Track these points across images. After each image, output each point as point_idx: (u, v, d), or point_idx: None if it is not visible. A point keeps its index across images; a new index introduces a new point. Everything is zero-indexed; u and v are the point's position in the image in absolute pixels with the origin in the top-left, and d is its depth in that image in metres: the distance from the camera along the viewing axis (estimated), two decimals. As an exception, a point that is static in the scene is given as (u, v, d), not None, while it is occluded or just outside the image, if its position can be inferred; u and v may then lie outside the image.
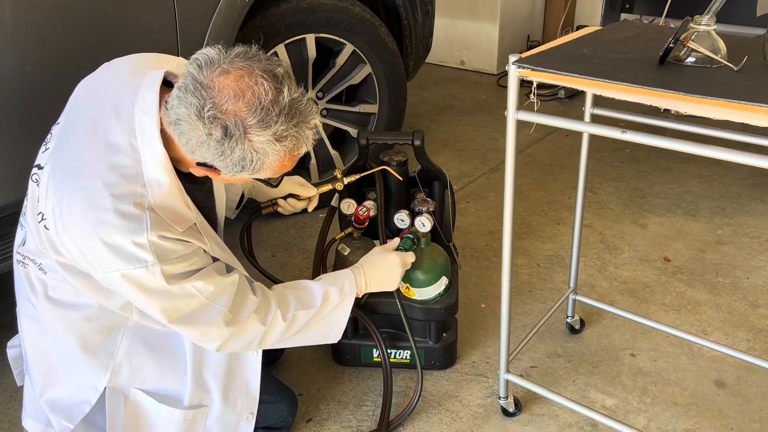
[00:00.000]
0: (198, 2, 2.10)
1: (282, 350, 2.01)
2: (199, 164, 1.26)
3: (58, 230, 1.25)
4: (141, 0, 1.96)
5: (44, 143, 1.38)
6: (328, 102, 2.73)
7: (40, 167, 1.34)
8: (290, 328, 1.48)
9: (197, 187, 1.43)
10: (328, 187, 1.79)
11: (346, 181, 1.74)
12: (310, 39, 2.53)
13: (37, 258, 1.39)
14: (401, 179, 1.85)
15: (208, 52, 1.21)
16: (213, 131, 1.17)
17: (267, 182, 1.37)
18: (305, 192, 1.80)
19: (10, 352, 1.61)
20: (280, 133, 1.20)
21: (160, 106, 1.26)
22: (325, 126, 2.78)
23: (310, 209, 1.85)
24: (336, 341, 1.60)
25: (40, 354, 1.47)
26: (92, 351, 1.43)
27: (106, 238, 1.21)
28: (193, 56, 1.21)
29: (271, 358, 1.99)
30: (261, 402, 1.65)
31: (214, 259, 1.38)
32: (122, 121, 1.27)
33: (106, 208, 1.21)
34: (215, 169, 1.26)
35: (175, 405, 1.48)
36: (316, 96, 2.69)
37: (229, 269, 1.42)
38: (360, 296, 1.62)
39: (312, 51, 2.56)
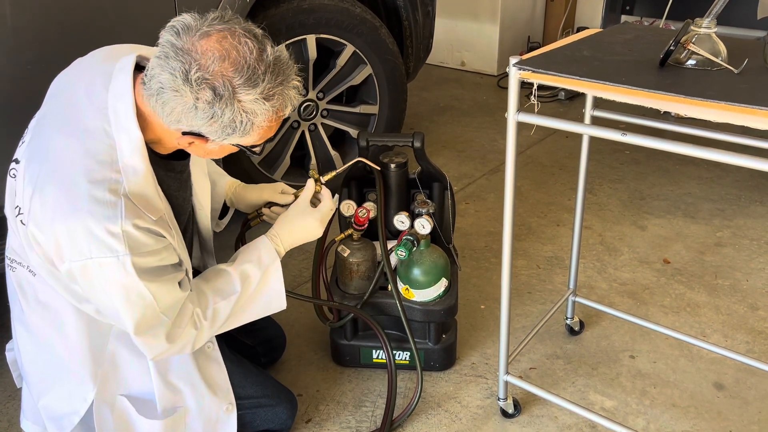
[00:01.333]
0: (199, 3, 2.10)
1: (281, 351, 2.01)
2: (185, 134, 1.24)
3: (33, 215, 1.22)
4: (142, 0, 1.96)
5: (21, 138, 1.37)
6: (328, 103, 2.73)
7: (17, 161, 1.32)
8: (215, 322, 1.44)
9: (173, 176, 1.40)
10: None
11: (323, 179, 1.71)
12: (311, 40, 2.53)
13: (24, 259, 1.36)
14: (378, 168, 1.84)
15: (184, 18, 1.19)
16: (201, 94, 1.15)
17: (251, 150, 1.33)
18: (284, 198, 1.74)
19: (8, 355, 1.61)
20: (268, 92, 1.19)
21: (134, 88, 1.24)
22: (326, 127, 2.78)
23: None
24: (283, 308, 1.55)
25: (32, 360, 1.47)
26: (80, 359, 1.41)
27: (79, 224, 1.18)
28: (169, 24, 1.19)
29: (270, 359, 1.99)
30: (260, 405, 1.65)
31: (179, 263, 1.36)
32: (95, 107, 1.26)
33: (81, 194, 1.19)
34: (202, 136, 1.24)
35: (152, 416, 1.47)
36: (317, 96, 2.69)
37: (183, 283, 1.38)
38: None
39: (312, 52, 2.56)
